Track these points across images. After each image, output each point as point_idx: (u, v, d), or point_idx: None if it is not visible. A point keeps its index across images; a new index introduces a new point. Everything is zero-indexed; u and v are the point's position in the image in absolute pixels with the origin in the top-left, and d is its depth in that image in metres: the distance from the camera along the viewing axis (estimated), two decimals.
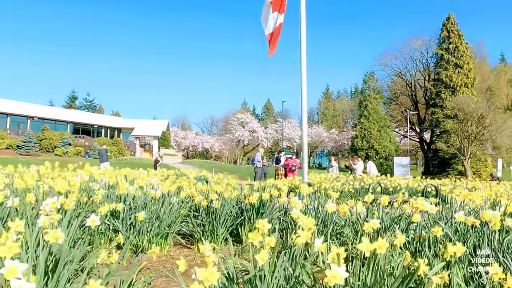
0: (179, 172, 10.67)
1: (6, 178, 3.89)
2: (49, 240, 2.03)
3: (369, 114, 39.26)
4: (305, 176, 7.56)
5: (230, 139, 54.94)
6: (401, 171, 32.51)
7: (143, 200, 3.33)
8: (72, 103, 73.51)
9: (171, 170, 10.74)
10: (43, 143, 31.04)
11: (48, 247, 1.97)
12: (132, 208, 3.18)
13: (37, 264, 1.77)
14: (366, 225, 1.92)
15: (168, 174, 8.15)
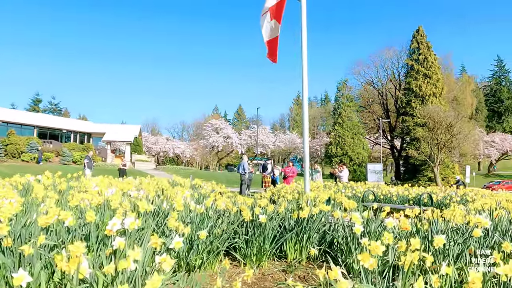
0: (172, 181, 10.33)
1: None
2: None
3: (343, 121, 40.07)
4: (307, 185, 7.49)
5: (204, 145, 54.36)
6: (375, 177, 33.36)
7: (193, 215, 3.13)
8: (36, 106, 70.35)
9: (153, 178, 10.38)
10: (9, 148, 29.40)
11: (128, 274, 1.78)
12: (188, 225, 2.98)
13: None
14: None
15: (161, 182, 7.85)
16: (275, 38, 8.98)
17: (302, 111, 9.14)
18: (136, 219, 2.26)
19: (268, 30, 9.11)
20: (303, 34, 9.00)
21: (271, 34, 9.05)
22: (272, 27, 8.61)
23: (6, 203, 2.74)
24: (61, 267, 1.82)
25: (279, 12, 8.08)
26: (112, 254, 2.38)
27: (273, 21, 8.38)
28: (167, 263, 1.69)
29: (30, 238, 2.53)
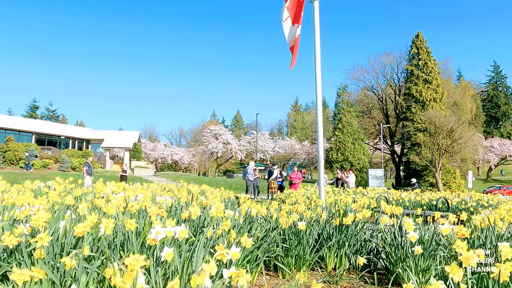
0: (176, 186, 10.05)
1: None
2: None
3: (343, 127, 39.90)
4: (322, 192, 7.27)
5: (203, 151, 54.06)
6: (376, 182, 33.18)
7: (237, 223, 2.90)
8: (33, 113, 69.95)
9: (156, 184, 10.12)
10: (7, 155, 29.01)
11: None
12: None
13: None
14: None
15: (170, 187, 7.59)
16: (296, 39, 8.81)
17: (316, 116, 8.94)
18: (186, 227, 2.03)
19: (291, 36, 8.93)
20: (316, 36, 8.82)
21: (293, 39, 8.89)
22: (294, 31, 8.46)
23: (34, 209, 2.50)
24: (115, 282, 1.59)
25: (298, 14, 7.93)
26: (158, 267, 2.15)
27: (295, 25, 8.23)
28: (243, 278, 1.45)
29: (63, 248, 2.29)
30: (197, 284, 1.37)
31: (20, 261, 2.29)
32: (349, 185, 14.86)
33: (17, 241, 2.09)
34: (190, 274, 1.93)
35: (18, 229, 2.09)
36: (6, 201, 2.89)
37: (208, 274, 1.39)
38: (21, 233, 2.11)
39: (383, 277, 3.29)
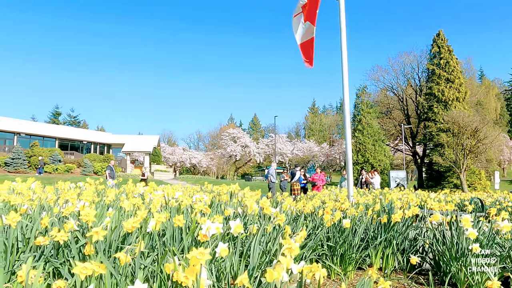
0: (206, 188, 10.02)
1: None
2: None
3: (363, 128, 39.34)
4: (351, 193, 7.08)
5: (222, 154, 54.21)
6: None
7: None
8: (56, 119, 71.62)
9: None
10: (33, 160, 29.71)
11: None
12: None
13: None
14: None
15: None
16: (309, 40, 8.65)
17: (344, 115, 8.77)
18: (241, 222, 1.94)
19: (301, 32, 8.80)
20: (342, 35, 8.65)
21: (305, 36, 8.74)
22: (306, 29, 8.29)
23: (79, 206, 2.45)
24: (178, 278, 1.50)
25: (312, 12, 7.77)
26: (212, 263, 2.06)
27: (307, 23, 8.06)
28: (319, 273, 1.34)
29: (111, 245, 2.23)
30: (274, 278, 1.26)
31: (68, 258, 2.24)
32: (374, 186, 14.54)
33: (67, 237, 2.04)
34: (250, 269, 1.83)
35: (69, 225, 2.04)
36: (49, 199, 2.87)
37: (285, 267, 1.28)
38: (71, 228, 2.06)
39: (433, 277, 3.12)
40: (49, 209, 2.61)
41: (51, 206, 2.74)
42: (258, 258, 1.97)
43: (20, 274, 1.45)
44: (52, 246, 2.22)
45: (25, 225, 2.50)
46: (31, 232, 2.46)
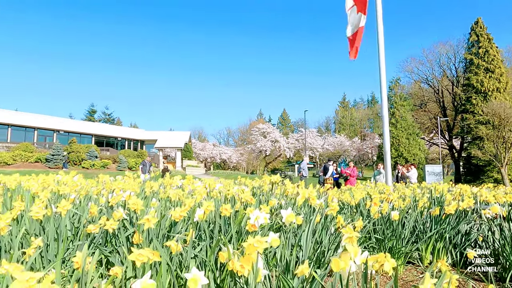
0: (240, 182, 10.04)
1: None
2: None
3: (397, 121, 38.23)
4: (390, 185, 6.89)
5: (252, 150, 54.33)
6: (433, 179, 31.41)
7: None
8: (92, 117, 74.17)
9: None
10: (71, 156, 30.88)
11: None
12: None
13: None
14: None
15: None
16: (359, 29, 8.42)
17: (382, 107, 8.51)
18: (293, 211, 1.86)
19: (352, 24, 8.56)
20: (379, 27, 8.38)
21: (355, 27, 8.50)
22: (358, 19, 8.07)
23: (125, 196, 2.45)
24: (234, 267, 1.44)
25: (363, 2, 7.54)
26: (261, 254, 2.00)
27: (359, 14, 7.84)
28: (389, 264, 1.24)
29: (158, 234, 2.21)
30: (341, 268, 1.17)
31: (116, 247, 2.24)
32: (411, 180, 14.08)
33: (116, 225, 2.03)
34: (302, 260, 1.75)
35: (118, 213, 2.03)
36: (95, 190, 2.90)
37: (353, 256, 1.19)
38: (120, 217, 2.05)
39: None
40: (96, 199, 2.63)
41: (97, 196, 2.77)
42: (310, 249, 1.88)
43: (76, 260, 1.43)
44: (101, 235, 2.22)
45: (73, 214, 2.53)
46: (79, 221, 2.49)
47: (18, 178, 3.48)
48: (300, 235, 1.93)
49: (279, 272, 1.44)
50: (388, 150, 8.01)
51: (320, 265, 2.05)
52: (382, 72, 8.14)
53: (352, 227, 2.04)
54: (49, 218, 2.11)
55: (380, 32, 8.24)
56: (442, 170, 32.96)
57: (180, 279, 1.81)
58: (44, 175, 4.20)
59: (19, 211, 2.07)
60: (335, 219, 2.45)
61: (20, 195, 2.44)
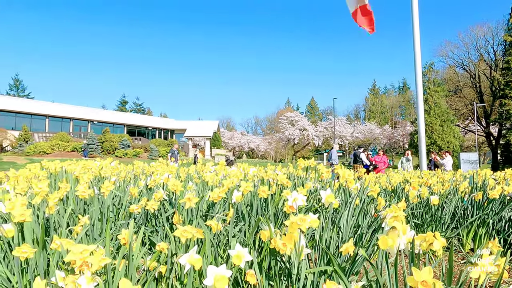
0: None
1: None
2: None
3: (430, 108, 36.97)
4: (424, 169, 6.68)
5: (280, 138, 54.23)
6: (469, 167, 30.31)
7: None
8: (123, 107, 76.15)
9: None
10: (105, 145, 31.91)
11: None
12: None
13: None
14: None
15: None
16: (362, 7, 8.26)
17: (416, 91, 8.25)
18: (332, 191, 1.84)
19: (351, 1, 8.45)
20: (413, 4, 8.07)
21: (357, 3, 8.37)
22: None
23: (163, 178, 2.51)
24: (276, 245, 1.44)
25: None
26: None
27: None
28: (438, 242, 1.21)
29: (196, 215, 2.25)
30: (388, 246, 1.15)
31: (156, 227, 2.30)
32: (446, 168, 13.64)
33: (157, 206, 2.08)
34: (343, 241, 1.74)
35: (158, 194, 2.07)
36: (134, 172, 2.98)
37: (401, 234, 1.16)
38: (160, 198, 2.10)
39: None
40: (135, 182, 2.70)
41: (136, 179, 2.84)
42: (350, 230, 1.86)
43: (123, 236, 1.48)
44: (141, 216, 2.28)
45: (113, 196, 2.61)
46: (120, 203, 2.57)
47: (59, 163, 3.63)
48: (339, 217, 1.91)
49: (324, 248, 1.43)
50: (423, 136, 7.79)
51: (360, 248, 2.03)
52: (417, 56, 7.87)
53: (400, 205, 2.00)
54: (92, 199, 2.19)
55: (415, 14, 7.95)
56: (478, 158, 31.70)
57: (221, 258, 1.83)
58: (84, 161, 4.36)
59: (65, 191, 2.16)
60: (374, 201, 2.41)
61: (65, 177, 2.54)
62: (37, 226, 1.80)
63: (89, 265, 1.23)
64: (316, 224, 1.80)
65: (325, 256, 1.68)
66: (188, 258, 1.21)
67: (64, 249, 1.34)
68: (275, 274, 1.61)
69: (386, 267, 1.28)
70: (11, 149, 30.82)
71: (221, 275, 1.10)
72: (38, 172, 2.87)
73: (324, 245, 1.79)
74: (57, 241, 1.51)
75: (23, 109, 34.91)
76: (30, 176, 2.90)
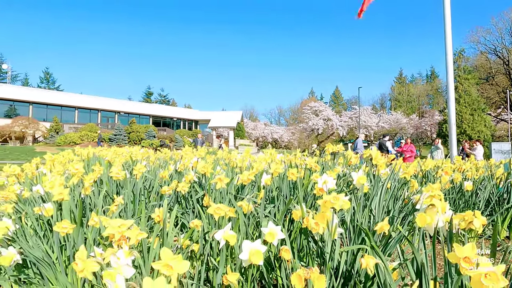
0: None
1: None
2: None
3: (460, 96, 35.75)
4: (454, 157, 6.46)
5: (303, 128, 53.87)
6: (501, 157, 29.22)
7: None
8: (148, 98, 77.40)
9: None
10: (131, 136, 32.61)
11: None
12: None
13: None
14: None
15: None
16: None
17: (447, 77, 8.00)
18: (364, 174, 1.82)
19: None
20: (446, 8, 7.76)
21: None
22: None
23: (192, 162, 2.54)
24: (309, 224, 1.43)
25: None
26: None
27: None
28: (478, 221, 1.17)
29: (227, 196, 2.27)
30: (426, 223, 1.12)
31: (186, 209, 2.33)
32: (476, 157, 13.19)
33: (188, 187, 2.11)
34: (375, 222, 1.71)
35: (189, 176, 2.10)
36: (164, 157, 3.03)
37: (440, 211, 1.13)
38: (191, 179, 2.12)
39: None
40: (165, 166, 2.75)
41: (166, 162, 2.90)
42: (382, 214, 1.83)
43: (157, 214, 1.51)
44: (171, 198, 2.33)
45: (144, 179, 2.66)
46: (150, 185, 2.62)
47: (91, 148, 3.73)
48: (370, 200, 1.88)
49: (358, 225, 1.41)
50: (453, 123, 7.55)
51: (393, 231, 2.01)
52: (447, 42, 7.60)
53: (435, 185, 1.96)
54: (125, 181, 2.24)
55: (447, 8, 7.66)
56: (510, 148, 30.53)
57: (251, 239, 1.84)
58: (114, 147, 4.47)
59: (99, 174, 2.22)
60: (404, 187, 2.36)
61: (98, 161, 2.61)
62: (74, 206, 1.86)
63: (126, 240, 1.26)
64: (347, 206, 1.78)
65: (357, 238, 1.66)
66: (223, 234, 1.22)
67: (103, 225, 1.38)
68: (306, 254, 1.61)
69: (423, 246, 1.25)
70: (43, 140, 32.04)
71: (257, 249, 1.11)
72: (72, 157, 2.96)
73: (356, 227, 1.77)
74: (95, 218, 1.56)
75: (54, 101, 36.09)
76: (65, 161, 3.00)
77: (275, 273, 1.61)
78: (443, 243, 1.14)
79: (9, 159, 16.44)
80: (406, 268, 1.45)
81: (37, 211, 1.89)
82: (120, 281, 0.97)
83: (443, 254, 1.14)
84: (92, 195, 2.09)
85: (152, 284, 0.84)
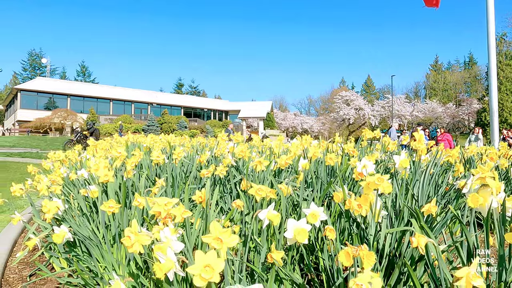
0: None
1: None
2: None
3: (501, 83, 34.03)
4: (496, 145, 6.18)
5: (334, 118, 53.10)
6: None
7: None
8: (179, 90, 78.68)
9: None
10: (164, 127, 33.34)
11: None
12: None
13: None
14: None
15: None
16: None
17: (489, 66, 7.64)
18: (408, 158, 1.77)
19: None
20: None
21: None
22: None
23: (228, 147, 2.57)
24: (351, 206, 1.41)
25: None
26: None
27: None
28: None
29: (264, 180, 2.28)
30: (479, 204, 1.08)
31: (224, 194, 2.36)
32: None
33: (226, 171, 2.13)
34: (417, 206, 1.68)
35: (227, 160, 2.12)
36: (201, 143, 3.08)
37: (495, 191, 1.08)
38: (229, 163, 2.14)
39: None
40: (202, 151, 2.79)
41: (203, 148, 2.94)
42: (424, 199, 1.78)
43: (200, 195, 1.53)
44: (209, 181, 2.36)
45: (181, 164, 2.71)
46: (187, 170, 2.67)
47: (130, 134, 3.84)
48: (413, 184, 1.83)
49: (406, 205, 1.38)
50: (495, 110, 7.24)
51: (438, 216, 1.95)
52: (490, 23, 7.24)
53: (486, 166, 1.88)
54: (165, 165, 2.30)
55: None
56: None
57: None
58: (152, 134, 4.59)
59: (139, 158, 2.28)
60: (445, 174, 2.28)
61: (137, 146, 2.68)
62: (118, 188, 1.92)
63: (172, 218, 1.29)
64: (389, 190, 1.74)
65: (400, 222, 1.63)
66: (267, 214, 1.22)
67: (148, 204, 1.42)
68: (348, 236, 1.59)
69: (474, 229, 1.21)
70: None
71: (302, 228, 1.10)
72: (112, 142, 3.06)
73: (399, 212, 1.73)
74: (139, 199, 1.61)
75: (90, 93, 37.38)
76: (106, 147, 3.10)
77: (315, 255, 1.61)
78: (497, 225, 1.10)
79: (51, 149, 17.24)
80: (453, 251, 1.41)
81: (83, 193, 1.98)
82: (171, 254, 1.00)
83: (497, 237, 1.09)
84: (134, 178, 2.15)
85: (204, 257, 0.86)
